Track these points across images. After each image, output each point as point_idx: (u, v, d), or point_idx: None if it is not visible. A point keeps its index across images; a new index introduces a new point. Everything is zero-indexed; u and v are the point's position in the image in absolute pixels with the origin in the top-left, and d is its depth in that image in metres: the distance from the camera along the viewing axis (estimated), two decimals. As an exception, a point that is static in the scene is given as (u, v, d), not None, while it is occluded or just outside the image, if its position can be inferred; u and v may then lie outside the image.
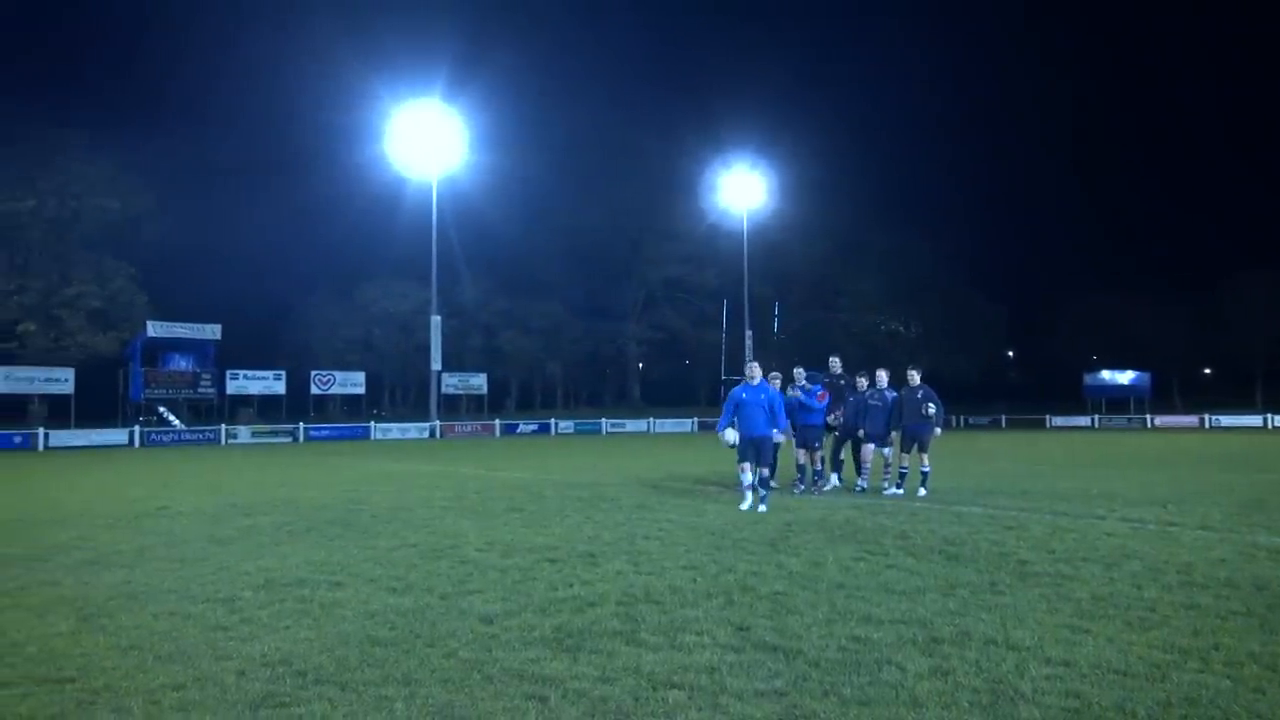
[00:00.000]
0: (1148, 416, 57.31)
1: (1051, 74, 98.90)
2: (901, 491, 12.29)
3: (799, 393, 12.80)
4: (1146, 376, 64.13)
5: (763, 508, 10.12)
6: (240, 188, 71.21)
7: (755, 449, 10.32)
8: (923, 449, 12.36)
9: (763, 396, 10.32)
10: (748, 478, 10.33)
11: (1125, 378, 64.80)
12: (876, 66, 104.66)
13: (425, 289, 56.38)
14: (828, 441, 13.38)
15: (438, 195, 48.95)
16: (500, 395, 69.02)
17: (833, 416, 13.02)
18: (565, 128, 68.85)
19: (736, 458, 10.58)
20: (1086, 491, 12.52)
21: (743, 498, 10.43)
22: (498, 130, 57.95)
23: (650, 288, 71.96)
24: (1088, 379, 65.67)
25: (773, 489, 12.84)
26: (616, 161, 67.92)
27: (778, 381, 13.47)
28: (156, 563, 7.53)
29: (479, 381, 58.06)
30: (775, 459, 13.20)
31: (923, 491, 12.18)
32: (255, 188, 70.39)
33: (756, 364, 10.63)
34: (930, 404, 12.25)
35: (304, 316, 62.70)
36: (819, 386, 12.87)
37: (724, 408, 10.48)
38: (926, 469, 12.39)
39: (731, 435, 10.31)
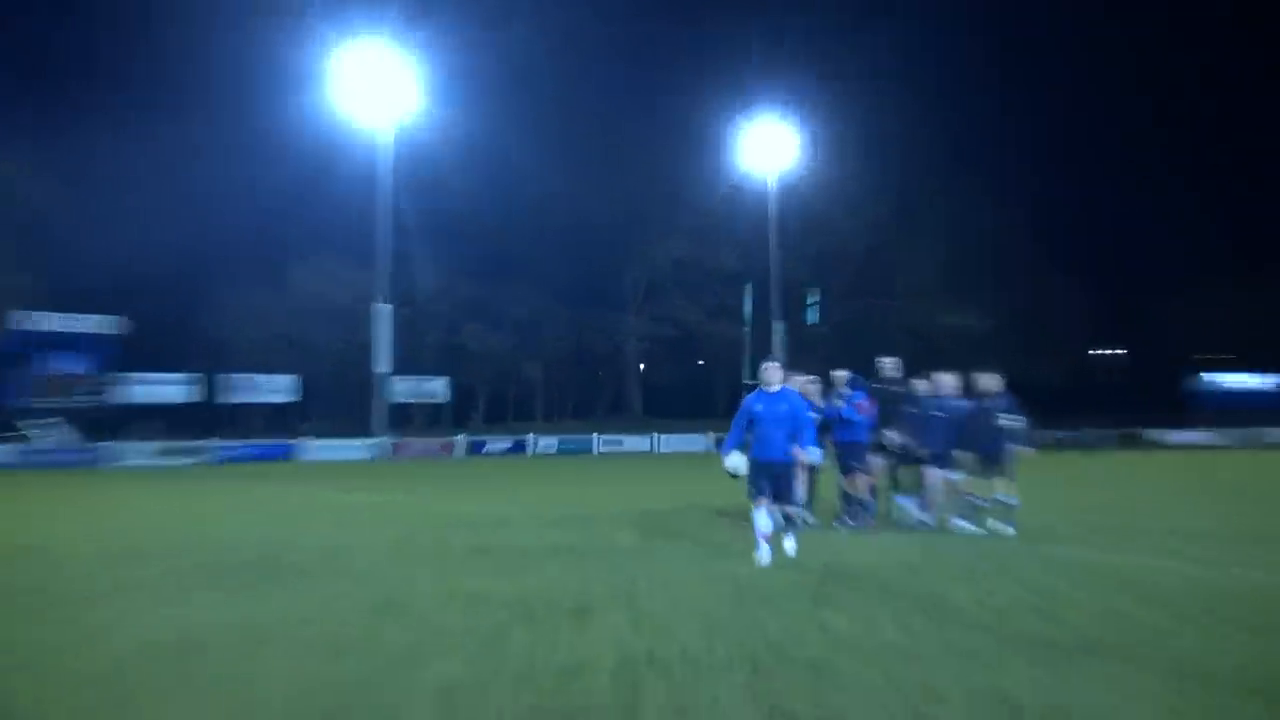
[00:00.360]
0: (1284, 431, 57.41)
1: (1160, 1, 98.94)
2: (975, 529, 12.26)
3: (840, 401, 12.72)
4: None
5: (789, 542, 9.81)
6: (139, 145, 71.25)
7: (772, 480, 9.56)
8: (1004, 475, 12.31)
9: (783, 408, 9.56)
10: (763, 520, 9.57)
11: (1252, 382, 64.84)
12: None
13: (370, 271, 56.31)
14: (875, 463, 13.29)
15: (388, 157, 48.99)
16: (464, 405, 69.14)
17: (888, 433, 12.95)
18: (546, 72, 68.97)
19: (748, 491, 9.76)
20: (1227, 531, 12.43)
21: (757, 547, 9.66)
22: (462, 76, 58.07)
23: (654, 270, 72.13)
24: (1202, 384, 65.70)
25: (809, 526, 12.75)
26: (610, 113, 68.13)
27: (814, 388, 13.40)
28: (14, 621, 7.41)
29: (437, 387, 58.17)
30: (813, 488, 13.14)
31: (1003, 528, 12.14)
32: (158, 145, 70.39)
33: (776, 364, 9.87)
34: (1011, 417, 12.16)
35: (218, 306, 62.84)
36: (860, 394, 12.81)
37: (732, 423, 9.75)
38: (1008, 499, 12.35)
39: (738, 461, 9.50)
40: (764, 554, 9.53)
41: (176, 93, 71.99)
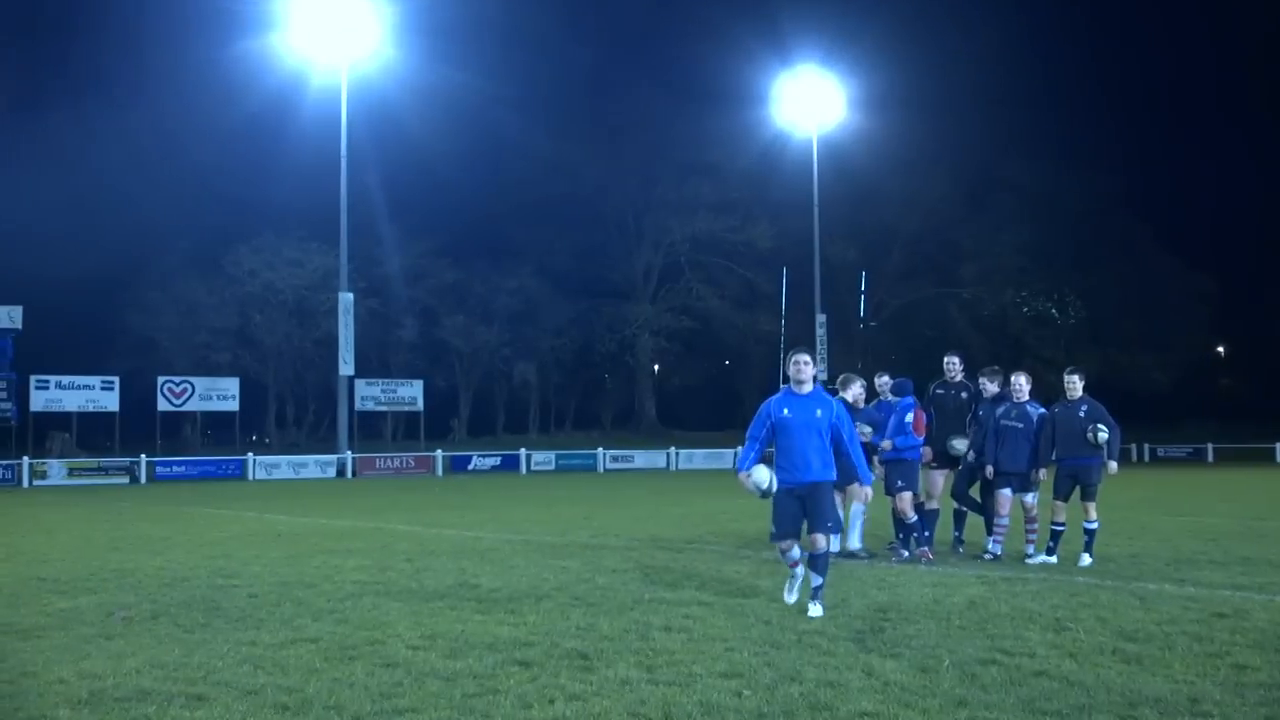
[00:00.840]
0: None
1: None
2: (1054, 559, 12.28)
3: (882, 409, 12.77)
4: None
5: (815, 610, 8.93)
6: (53, 102, 71.59)
7: (802, 503, 9.02)
8: (1088, 496, 12.34)
9: (818, 413, 9.01)
10: (791, 550, 9.23)
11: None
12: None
13: (331, 253, 56.54)
14: (936, 479, 13.32)
15: (351, 114, 49.08)
16: (444, 413, 69.34)
17: (956, 441, 12.99)
18: (540, 14, 69.13)
19: (771, 530, 9.34)
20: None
21: (790, 584, 9.45)
22: (439, 18, 58.13)
23: (671, 250, 72.21)
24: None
25: (862, 558, 12.79)
26: (619, 64, 68.35)
27: (856, 390, 13.44)
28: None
29: (412, 393, 58.31)
30: (863, 516, 13.19)
31: (1087, 559, 12.18)
32: (76, 103, 70.72)
33: (806, 358, 9.19)
34: (1100, 427, 12.21)
35: (147, 296, 63.05)
36: (910, 401, 12.84)
37: (748, 434, 9.25)
38: (1093, 525, 12.37)
39: (762, 477, 9.12)
40: (794, 589, 9.41)
41: (95, 56, 72.29)
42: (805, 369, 9.11)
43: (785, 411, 9.03)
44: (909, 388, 13.13)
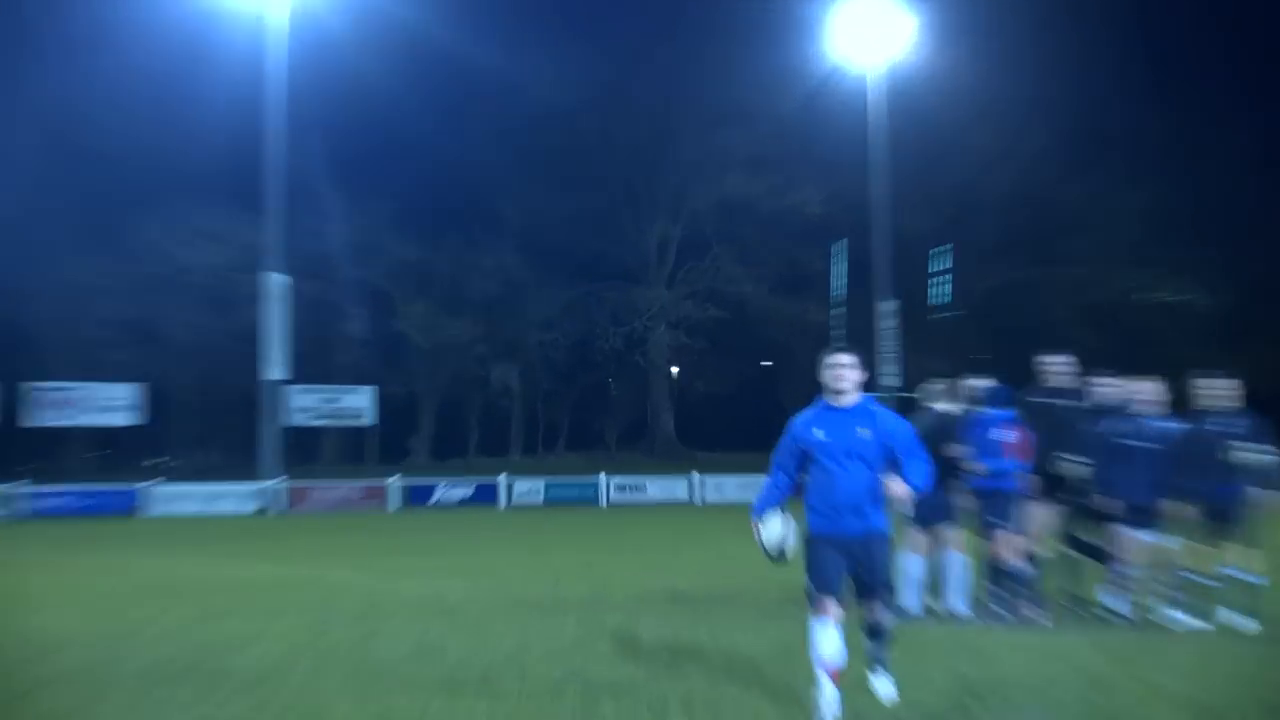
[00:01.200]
0: None
1: None
2: (1196, 622, 12.18)
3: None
4: None
5: (883, 684, 8.75)
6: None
7: (849, 564, 8.45)
8: (1240, 537, 12.25)
9: (864, 434, 8.46)
10: (828, 641, 8.32)
11: None
12: None
13: (257, 224, 56.50)
14: (1038, 516, 13.19)
15: (282, 48, 49.15)
16: (402, 429, 69.47)
17: (1066, 459, 12.82)
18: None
19: (806, 586, 8.56)
20: None
21: (817, 689, 8.38)
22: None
23: (693, 220, 72.30)
24: None
25: (957, 617, 12.67)
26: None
27: (949, 400, 13.32)
28: None
29: (359, 403, 58.46)
30: (962, 565, 13.07)
31: (1248, 623, 12.06)
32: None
33: (847, 359, 8.66)
34: (1256, 447, 12.14)
35: (18, 279, 63.27)
36: (1008, 415, 12.71)
37: (772, 463, 8.85)
38: (1252, 578, 12.28)
39: (778, 531, 8.78)
40: (828, 702, 8.25)
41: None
42: (846, 375, 8.53)
43: (817, 433, 8.52)
44: (1005, 397, 12.96)
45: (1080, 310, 70.18)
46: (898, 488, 8.28)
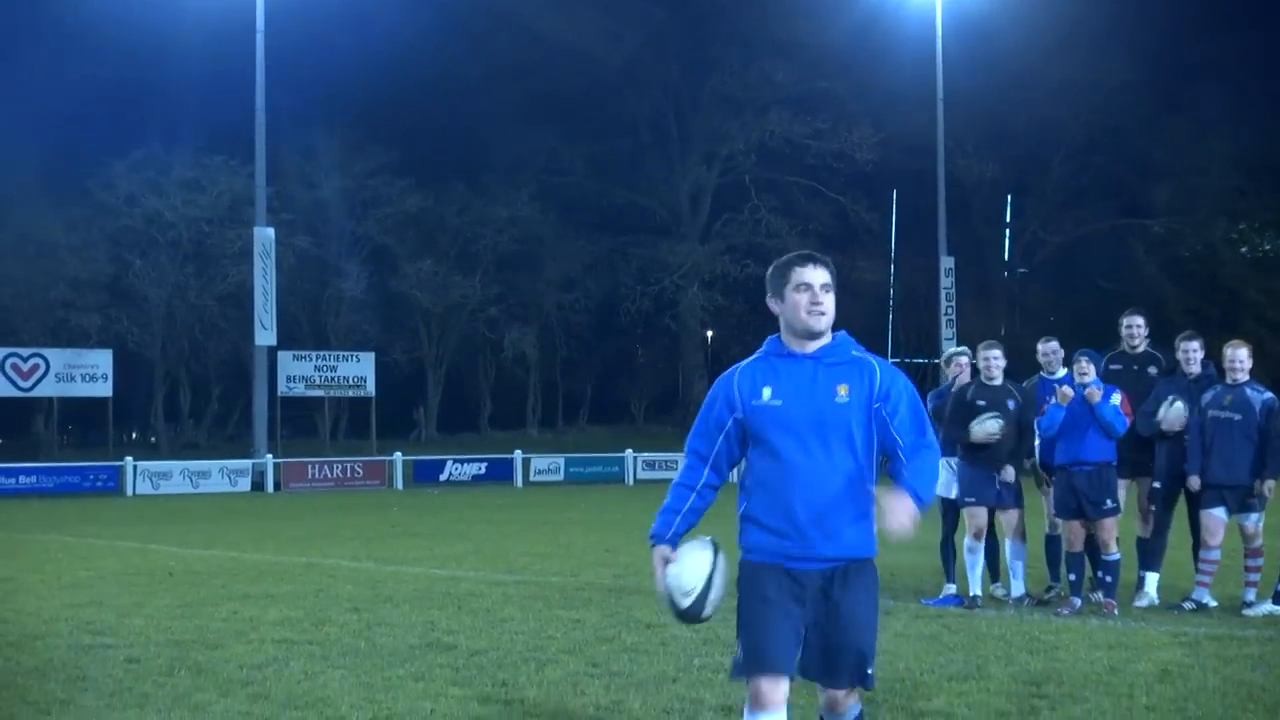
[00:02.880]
0: None
1: None
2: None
3: (1051, 398, 12.61)
4: None
5: None
6: None
7: (803, 608, 5.81)
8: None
9: (843, 395, 5.72)
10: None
11: None
12: None
13: (243, 172, 56.62)
14: (1126, 493, 13.23)
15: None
16: (405, 400, 69.49)
17: (1163, 409, 12.79)
18: None
19: (740, 630, 5.96)
20: None
21: None
22: None
23: (730, 165, 71.93)
24: None
25: (1018, 598, 12.73)
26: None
27: (991, 361, 13.41)
28: None
29: (359, 371, 58.50)
30: (1023, 542, 13.15)
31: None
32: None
33: (821, 279, 5.80)
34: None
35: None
36: (1110, 387, 12.64)
37: (689, 446, 6.01)
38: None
39: (686, 577, 5.85)
40: None
41: None
42: (822, 298, 5.75)
43: (766, 394, 5.77)
44: (1095, 359, 12.95)
45: (1165, 266, 69.70)
46: (899, 507, 5.60)
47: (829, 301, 5.73)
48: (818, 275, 5.74)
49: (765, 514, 5.70)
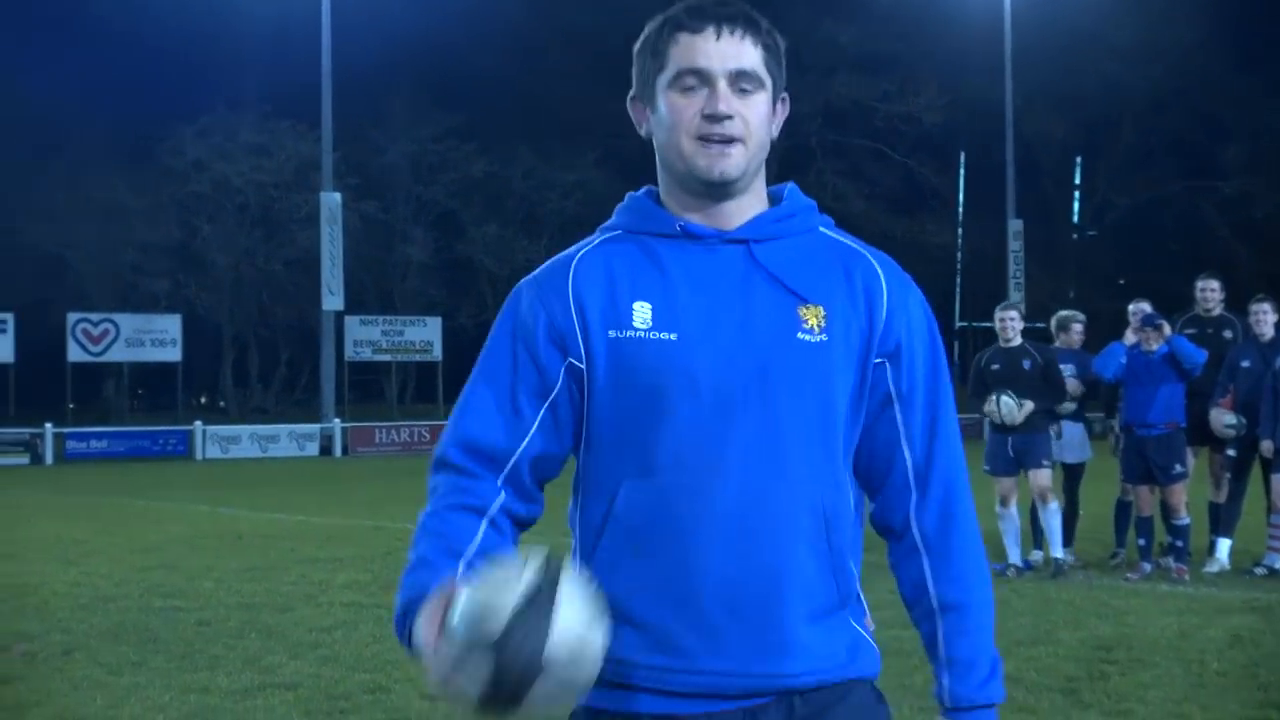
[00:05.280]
0: None
1: None
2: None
3: (1154, 343, 12.49)
4: None
5: None
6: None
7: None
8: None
9: (811, 319, 2.81)
10: None
11: None
12: None
13: (309, 137, 56.79)
14: (1196, 463, 13.14)
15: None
16: (472, 363, 68.79)
17: (1217, 412, 12.71)
18: None
19: None
20: None
21: None
22: None
23: (796, 128, 71.53)
24: None
25: (1064, 565, 12.70)
26: None
27: (1007, 322, 13.27)
28: None
29: (426, 335, 58.71)
30: (1073, 499, 13.11)
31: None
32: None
33: (743, 63, 2.84)
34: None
35: (50, 200, 63.75)
36: (1184, 343, 12.54)
37: (461, 433, 3.00)
38: None
39: (487, 595, 2.50)
40: None
41: None
42: (734, 112, 2.75)
43: (641, 317, 2.78)
44: (1160, 320, 12.80)
45: (1238, 229, 69.04)
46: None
47: (753, 114, 2.79)
48: (723, 53, 2.75)
49: (628, 588, 2.71)
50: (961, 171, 64.60)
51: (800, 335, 2.76)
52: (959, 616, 2.81)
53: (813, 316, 2.80)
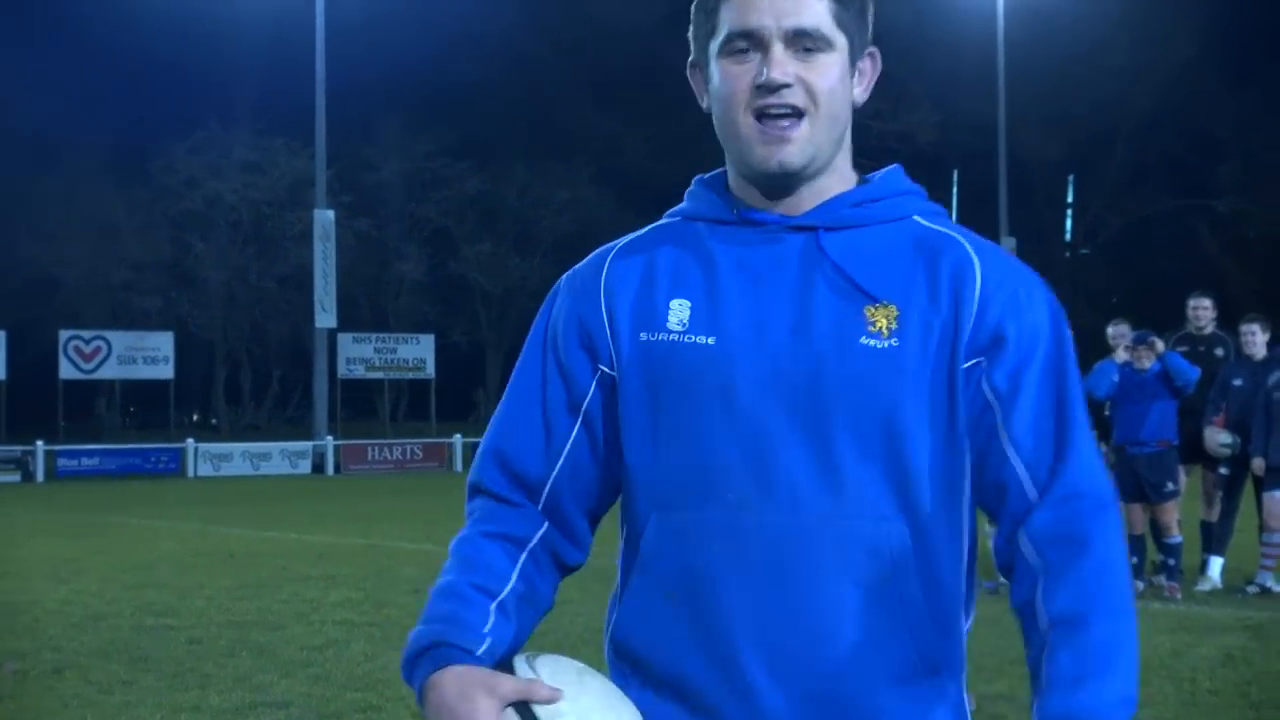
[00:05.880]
0: None
1: None
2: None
3: (1146, 361, 12.49)
4: None
5: None
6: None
7: None
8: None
9: (881, 320, 2.32)
10: None
11: None
12: None
13: (303, 154, 56.84)
14: (1188, 481, 13.14)
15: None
16: (465, 382, 69.67)
17: (1212, 430, 12.73)
18: None
19: None
20: None
21: None
22: None
23: (788, 146, 71.69)
24: None
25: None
26: None
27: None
28: None
29: (418, 353, 58.67)
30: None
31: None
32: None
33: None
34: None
35: (43, 216, 63.75)
36: (1178, 360, 12.57)
37: (493, 449, 2.61)
38: None
39: None
40: None
41: None
42: (796, 84, 2.32)
43: (678, 317, 2.39)
44: (1151, 340, 12.83)
45: (1230, 247, 69.15)
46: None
47: (820, 79, 2.37)
48: (777, 9, 2.32)
49: (656, 640, 2.40)
50: (954, 189, 64.44)
51: (865, 340, 2.29)
52: (1070, 629, 2.21)
53: (882, 318, 2.32)
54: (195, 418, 70.97)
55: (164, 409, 58.08)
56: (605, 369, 2.41)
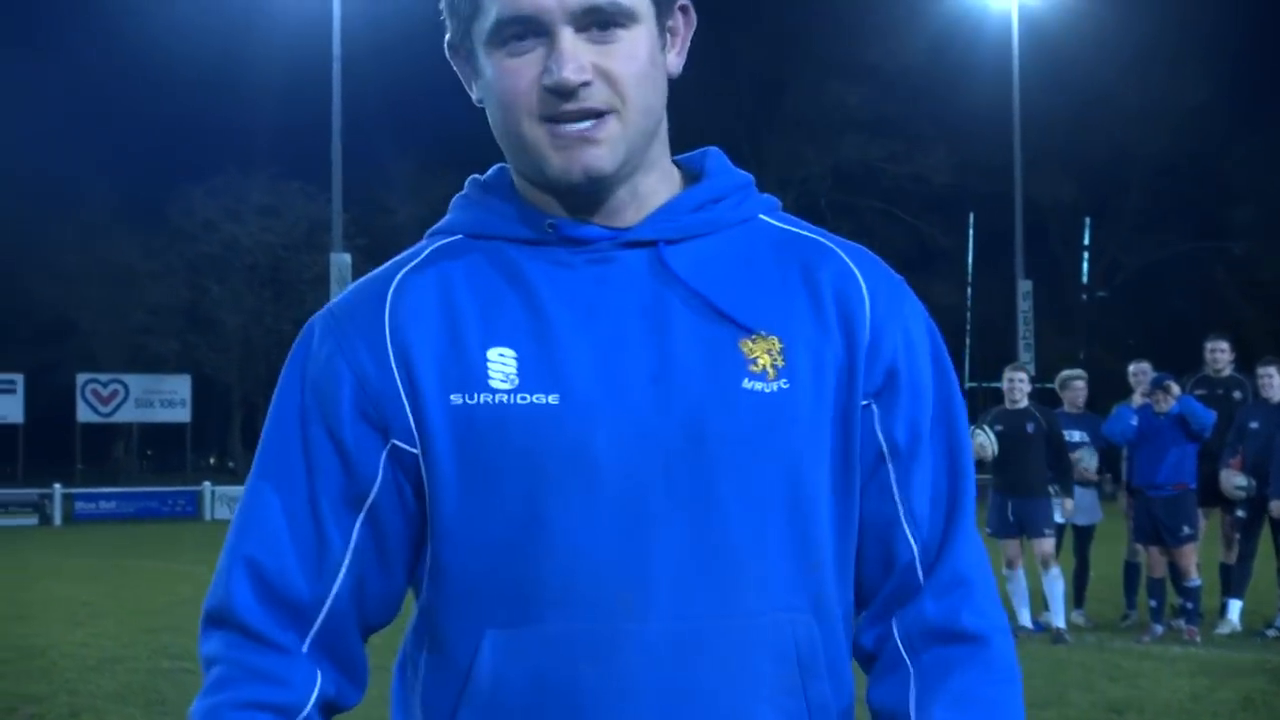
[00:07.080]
0: None
1: None
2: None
3: (1165, 403, 12.49)
4: None
5: None
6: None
7: None
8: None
9: (771, 369, 1.86)
10: None
11: None
12: None
13: (319, 198, 57.01)
14: (1207, 524, 13.13)
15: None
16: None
17: (1228, 473, 12.71)
18: None
19: None
20: None
21: None
22: None
23: (805, 188, 71.68)
24: None
25: (1063, 636, 12.67)
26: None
27: (1015, 383, 13.29)
28: None
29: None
30: (1083, 567, 13.05)
31: None
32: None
33: None
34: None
35: (60, 261, 63.95)
36: (1194, 404, 12.57)
37: (240, 556, 1.93)
38: None
39: None
40: None
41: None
42: (591, 78, 1.83)
43: (502, 372, 1.83)
44: (1165, 382, 12.81)
45: (1246, 290, 68.98)
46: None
47: (623, 66, 1.88)
48: None
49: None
50: (970, 232, 64.57)
51: (748, 384, 1.82)
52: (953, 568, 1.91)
53: (763, 353, 1.85)
54: (212, 461, 71.15)
55: (181, 452, 58.31)
56: (401, 444, 1.82)
